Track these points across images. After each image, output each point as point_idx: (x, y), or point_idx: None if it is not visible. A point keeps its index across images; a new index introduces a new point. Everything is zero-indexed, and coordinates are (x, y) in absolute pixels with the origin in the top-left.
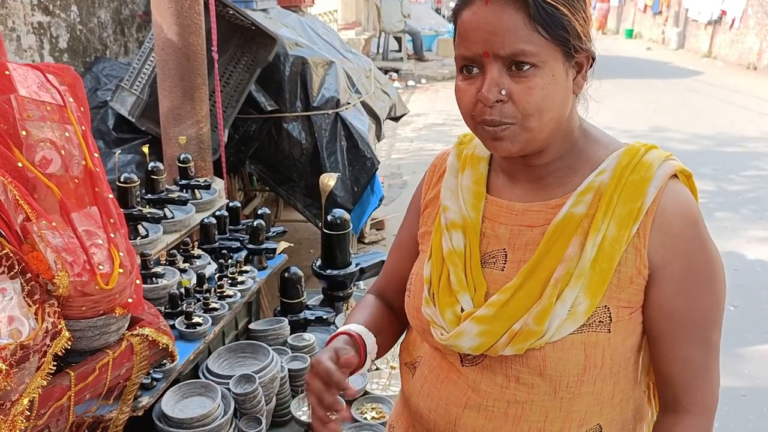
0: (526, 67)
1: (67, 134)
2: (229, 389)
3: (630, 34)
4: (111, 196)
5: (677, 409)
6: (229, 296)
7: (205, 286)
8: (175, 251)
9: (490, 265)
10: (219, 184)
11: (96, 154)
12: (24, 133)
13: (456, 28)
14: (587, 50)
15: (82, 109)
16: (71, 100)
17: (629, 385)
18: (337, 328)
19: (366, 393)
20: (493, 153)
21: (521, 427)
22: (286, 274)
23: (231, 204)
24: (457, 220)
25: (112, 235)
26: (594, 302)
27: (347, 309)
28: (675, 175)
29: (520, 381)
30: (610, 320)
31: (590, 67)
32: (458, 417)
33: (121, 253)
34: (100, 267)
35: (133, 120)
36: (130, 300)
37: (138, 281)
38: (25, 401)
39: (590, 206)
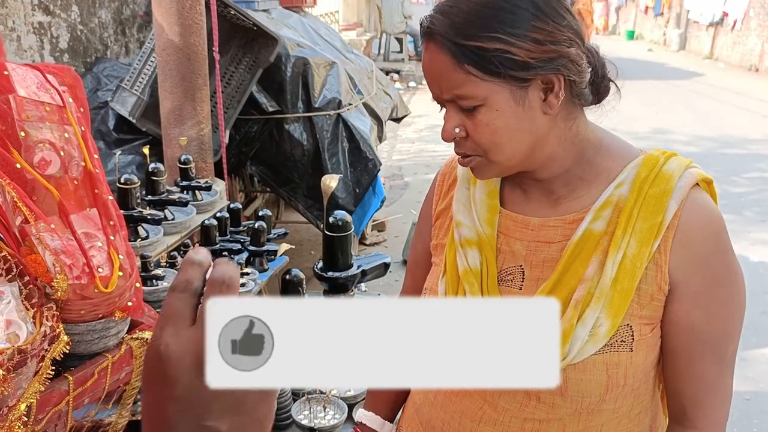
0: (471, 108)
1: (66, 135)
2: None
3: (631, 35)
4: (111, 197)
5: (685, 423)
6: None
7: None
8: (175, 253)
9: (508, 283)
10: (220, 186)
11: (96, 156)
12: (23, 134)
13: None
14: (544, 74)
15: (81, 109)
16: (71, 100)
17: (648, 397)
18: None
19: None
20: None
21: None
22: (288, 277)
23: (232, 205)
24: (472, 237)
25: (112, 238)
26: (616, 322)
27: None
28: (697, 184)
29: (541, 400)
30: (632, 339)
31: (570, 79)
32: (473, 431)
33: (120, 256)
34: (100, 270)
35: (134, 121)
36: (129, 303)
37: (138, 284)
38: (23, 407)
39: (609, 222)
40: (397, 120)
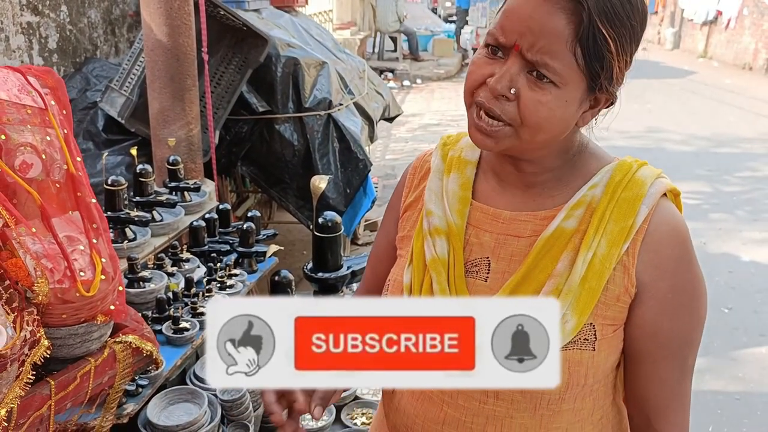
0: (546, 80)
1: (48, 138)
2: (216, 395)
3: None
4: (94, 200)
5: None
6: None
7: (193, 290)
8: (163, 255)
9: (473, 274)
10: (209, 186)
11: (78, 158)
12: (3, 137)
13: (504, 4)
14: (611, 93)
15: (64, 112)
16: (53, 103)
17: (608, 402)
18: None
19: (356, 398)
20: (473, 142)
21: None
22: (276, 278)
23: (221, 206)
24: (441, 226)
25: (95, 241)
26: (581, 320)
27: None
28: (665, 194)
29: (499, 396)
30: (595, 338)
31: (605, 107)
32: None
33: (103, 259)
34: (82, 273)
35: (123, 121)
36: (112, 307)
37: (121, 287)
38: (2, 411)
39: (581, 221)
40: (390, 120)
